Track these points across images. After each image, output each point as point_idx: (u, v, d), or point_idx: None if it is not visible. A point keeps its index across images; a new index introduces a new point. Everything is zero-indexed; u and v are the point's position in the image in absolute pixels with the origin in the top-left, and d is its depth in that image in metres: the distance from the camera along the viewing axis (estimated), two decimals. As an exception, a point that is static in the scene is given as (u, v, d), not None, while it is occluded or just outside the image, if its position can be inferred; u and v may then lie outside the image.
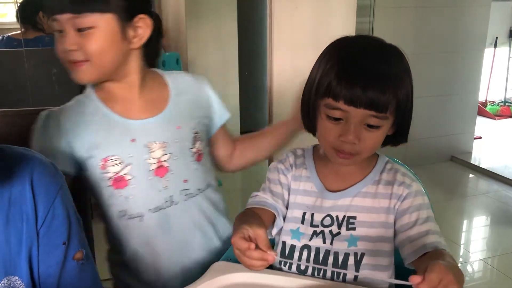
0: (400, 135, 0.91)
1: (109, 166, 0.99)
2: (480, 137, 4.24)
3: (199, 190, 1.08)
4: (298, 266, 0.93)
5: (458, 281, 0.67)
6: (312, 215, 0.94)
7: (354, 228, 0.91)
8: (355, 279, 0.90)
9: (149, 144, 1.01)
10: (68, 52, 0.94)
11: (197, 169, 1.07)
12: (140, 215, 1.02)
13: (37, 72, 2.36)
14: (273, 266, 0.94)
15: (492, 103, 5.21)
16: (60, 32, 0.95)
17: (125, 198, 1.01)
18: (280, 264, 0.94)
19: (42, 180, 0.78)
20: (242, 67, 4.14)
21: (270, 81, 2.03)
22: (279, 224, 0.95)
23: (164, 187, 1.03)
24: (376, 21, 3.38)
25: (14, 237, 0.75)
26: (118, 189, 1.01)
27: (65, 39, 0.94)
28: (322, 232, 0.92)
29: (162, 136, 1.03)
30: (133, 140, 1.00)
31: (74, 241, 0.81)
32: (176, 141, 1.04)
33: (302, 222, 0.94)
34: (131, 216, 1.02)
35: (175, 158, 1.04)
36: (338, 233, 0.91)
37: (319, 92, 0.85)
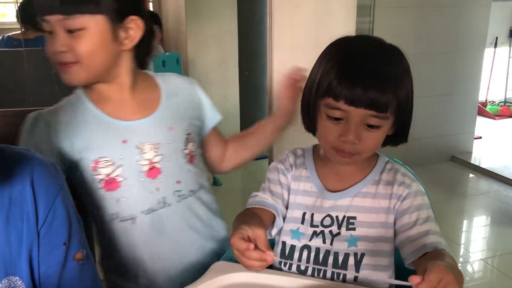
0: (400, 135, 0.91)
1: (100, 168, 0.98)
2: (480, 137, 4.24)
3: (192, 192, 1.07)
4: (298, 267, 0.93)
5: (458, 281, 0.67)
6: (312, 215, 0.94)
7: (354, 228, 0.91)
8: (355, 280, 0.90)
9: (141, 145, 1.00)
10: (58, 54, 0.93)
11: (190, 171, 1.06)
12: (133, 218, 1.01)
13: (37, 72, 2.35)
14: (273, 267, 0.94)
15: (492, 103, 5.22)
16: (50, 33, 0.93)
17: (117, 200, 0.99)
18: (280, 265, 0.94)
19: (43, 180, 0.78)
20: (242, 67, 4.14)
21: (270, 81, 2.03)
22: (279, 224, 0.95)
23: (156, 189, 1.02)
24: (376, 21, 3.38)
25: (15, 237, 0.75)
26: (110, 191, 0.99)
27: (55, 40, 0.92)
28: (322, 232, 0.92)
29: (154, 137, 1.01)
30: (125, 142, 0.99)
31: (75, 242, 0.81)
32: (168, 142, 1.03)
33: (302, 222, 0.94)
34: (123, 219, 1.00)
35: (167, 159, 1.02)
36: (338, 233, 0.91)
37: (319, 92, 0.85)
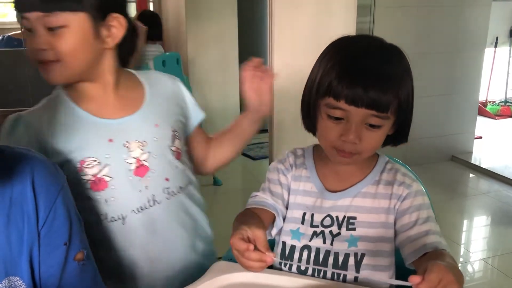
0: (401, 135, 0.91)
1: (87, 168, 0.96)
2: (481, 137, 4.24)
3: (181, 188, 1.05)
4: (298, 267, 0.93)
5: (458, 281, 0.66)
6: (312, 216, 0.93)
7: (354, 229, 0.91)
8: (355, 280, 0.90)
9: (127, 144, 0.98)
10: (39, 52, 0.91)
11: (177, 167, 1.05)
12: (122, 217, 0.99)
13: (37, 72, 2.35)
14: (273, 267, 0.94)
15: (493, 103, 5.22)
16: (30, 31, 0.91)
17: (105, 201, 0.97)
18: (280, 265, 0.94)
19: (43, 180, 0.78)
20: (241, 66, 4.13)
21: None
22: (279, 225, 0.95)
23: (145, 187, 1.00)
24: (377, 21, 3.38)
25: (15, 237, 0.75)
26: (98, 192, 0.97)
27: (35, 39, 0.90)
28: (322, 233, 0.92)
29: (140, 135, 1.00)
30: (111, 140, 0.97)
31: (75, 242, 0.81)
32: (155, 139, 1.01)
33: (302, 223, 0.94)
34: (113, 219, 0.98)
35: (155, 157, 1.01)
36: (338, 234, 0.91)
37: (320, 92, 0.85)
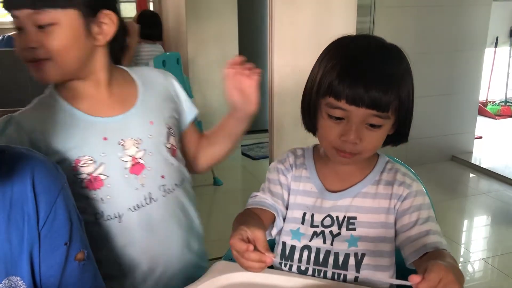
0: (401, 135, 0.91)
1: (82, 167, 0.95)
2: (481, 137, 4.24)
3: (176, 185, 1.05)
4: (299, 267, 0.93)
5: (458, 281, 0.66)
6: (312, 216, 0.93)
7: (355, 229, 0.91)
8: (356, 280, 0.90)
9: (122, 142, 0.98)
10: (29, 50, 0.89)
11: (173, 164, 1.05)
12: (119, 216, 0.98)
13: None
14: (274, 267, 0.94)
15: (493, 103, 5.22)
16: (20, 30, 0.89)
17: (101, 199, 0.97)
18: (281, 265, 0.94)
19: (44, 180, 0.78)
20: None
21: (271, 81, 2.03)
22: (279, 225, 0.95)
23: (142, 185, 0.99)
24: (377, 21, 3.38)
25: (16, 237, 0.75)
26: (93, 190, 0.96)
27: (25, 37, 0.88)
28: (323, 233, 0.92)
29: (135, 132, 0.99)
30: (105, 139, 0.96)
31: (76, 242, 0.81)
32: (150, 137, 1.01)
33: (302, 223, 0.94)
34: (109, 218, 0.97)
35: (150, 154, 1.00)
36: (339, 234, 0.91)
37: (320, 91, 0.85)
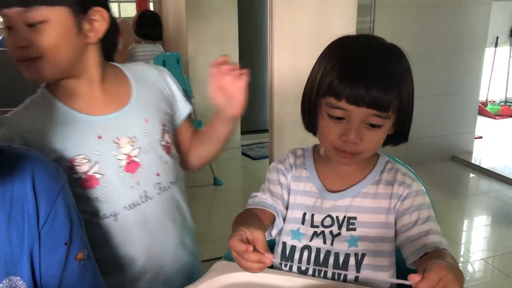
0: (401, 135, 0.91)
1: (77, 166, 0.94)
2: (481, 137, 4.24)
3: (172, 183, 1.05)
4: (299, 268, 0.92)
5: (458, 281, 0.66)
6: (312, 216, 0.93)
7: (355, 229, 0.91)
8: (356, 280, 0.90)
9: (117, 140, 0.97)
10: (19, 49, 0.88)
11: (168, 162, 1.04)
12: (114, 214, 0.97)
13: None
14: (274, 267, 0.94)
15: (493, 103, 5.22)
16: (10, 29, 0.88)
17: (97, 198, 0.96)
18: (281, 266, 0.94)
19: (44, 180, 0.78)
20: (243, 67, 4.13)
21: (271, 81, 2.03)
22: (279, 225, 0.95)
23: (137, 183, 0.99)
24: (377, 21, 3.38)
25: (16, 237, 0.75)
26: (89, 189, 0.95)
27: (15, 35, 0.87)
28: (323, 233, 0.92)
29: (130, 130, 0.99)
30: (100, 137, 0.96)
31: (76, 242, 0.81)
32: (145, 135, 1.00)
33: (303, 223, 0.94)
34: (104, 216, 0.97)
35: (146, 152, 1.00)
36: (339, 234, 0.91)
37: (321, 91, 0.85)
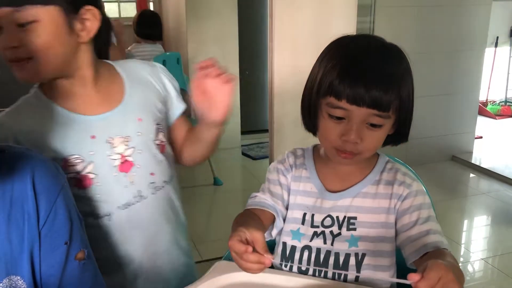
0: (401, 134, 0.91)
1: (70, 166, 0.93)
2: (481, 137, 4.24)
3: (165, 182, 1.04)
4: (299, 268, 0.92)
5: (458, 281, 0.66)
6: (313, 216, 0.93)
7: (355, 229, 0.91)
8: (356, 280, 0.90)
9: (110, 139, 0.97)
10: (10, 50, 0.86)
11: (162, 161, 1.04)
12: (108, 214, 0.97)
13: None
14: (274, 267, 0.94)
15: (493, 103, 5.22)
16: (0, 30, 0.87)
17: (91, 198, 0.96)
18: (281, 266, 0.94)
19: (44, 180, 0.78)
20: (243, 67, 4.14)
21: (271, 81, 2.03)
22: (279, 225, 0.95)
23: (131, 182, 0.98)
24: (377, 21, 3.38)
25: (16, 237, 0.75)
26: (82, 189, 0.95)
27: (5, 36, 0.86)
28: (323, 233, 0.92)
29: (124, 130, 0.98)
30: (93, 137, 0.95)
31: (76, 241, 0.81)
32: (139, 134, 1.00)
33: (303, 223, 0.94)
34: (98, 216, 0.96)
35: (139, 152, 0.99)
36: (339, 234, 0.91)
37: (321, 91, 0.85)
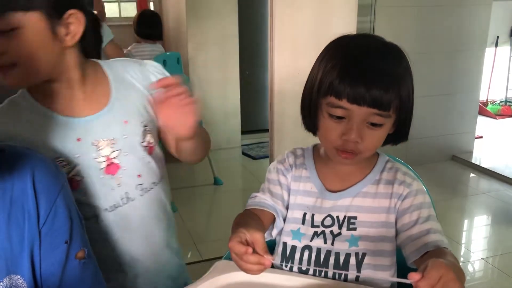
0: (401, 134, 0.91)
1: None
2: (481, 137, 4.24)
3: (154, 184, 1.04)
4: (299, 268, 0.92)
5: (459, 280, 0.66)
6: (313, 216, 0.93)
7: (355, 228, 0.91)
8: (357, 279, 0.90)
9: (96, 142, 0.96)
10: None
11: (150, 163, 1.03)
12: (95, 216, 0.97)
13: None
14: (274, 267, 0.94)
15: (493, 103, 5.21)
16: None
17: (77, 200, 0.93)
18: (281, 266, 0.94)
19: (44, 179, 0.78)
20: (243, 67, 4.14)
21: (271, 80, 2.03)
22: (279, 225, 0.95)
23: (118, 185, 0.98)
24: (377, 21, 3.37)
25: (16, 236, 0.75)
26: None
27: None
28: (323, 233, 0.92)
29: (109, 133, 0.98)
30: (79, 139, 0.95)
31: (76, 240, 0.82)
32: (125, 137, 0.99)
33: (303, 223, 0.94)
34: (85, 218, 0.94)
35: (126, 154, 0.99)
36: (339, 234, 0.91)
37: (321, 91, 0.85)
